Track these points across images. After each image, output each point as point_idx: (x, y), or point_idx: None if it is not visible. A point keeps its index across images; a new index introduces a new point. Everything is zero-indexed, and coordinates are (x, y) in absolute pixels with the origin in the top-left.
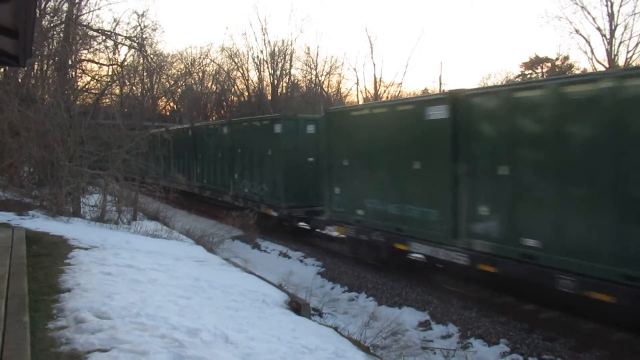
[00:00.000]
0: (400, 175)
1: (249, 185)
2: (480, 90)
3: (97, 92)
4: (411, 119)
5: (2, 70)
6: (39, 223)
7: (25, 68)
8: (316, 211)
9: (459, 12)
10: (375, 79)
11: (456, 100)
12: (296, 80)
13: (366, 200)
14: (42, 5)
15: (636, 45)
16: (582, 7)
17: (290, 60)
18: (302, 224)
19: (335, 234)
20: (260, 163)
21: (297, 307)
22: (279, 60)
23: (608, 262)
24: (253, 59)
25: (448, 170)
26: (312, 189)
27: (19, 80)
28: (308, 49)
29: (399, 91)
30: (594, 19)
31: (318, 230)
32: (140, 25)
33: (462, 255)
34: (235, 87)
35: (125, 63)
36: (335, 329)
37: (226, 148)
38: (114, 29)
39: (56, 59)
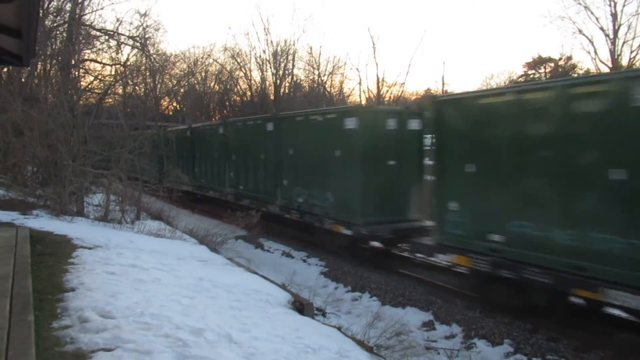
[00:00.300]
0: (580, 189)
1: (304, 195)
2: None
3: (100, 91)
4: (601, 106)
5: (5, 70)
6: (42, 222)
7: (29, 68)
8: (402, 229)
9: (462, 12)
10: (377, 78)
11: None
12: (299, 80)
13: (509, 221)
14: (45, 5)
15: None
16: (585, 7)
17: (293, 60)
18: (375, 243)
19: (432, 259)
20: (322, 167)
21: (301, 306)
22: (281, 60)
23: None
24: (255, 58)
25: None
26: (395, 200)
27: (23, 80)
28: (310, 48)
29: (402, 91)
30: (597, 19)
31: (420, 256)
32: (142, 25)
33: None
34: (238, 87)
35: (128, 63)
36: (339, 328)
37: (271, 148)
38: (117, 29)
39: (59, 58)
